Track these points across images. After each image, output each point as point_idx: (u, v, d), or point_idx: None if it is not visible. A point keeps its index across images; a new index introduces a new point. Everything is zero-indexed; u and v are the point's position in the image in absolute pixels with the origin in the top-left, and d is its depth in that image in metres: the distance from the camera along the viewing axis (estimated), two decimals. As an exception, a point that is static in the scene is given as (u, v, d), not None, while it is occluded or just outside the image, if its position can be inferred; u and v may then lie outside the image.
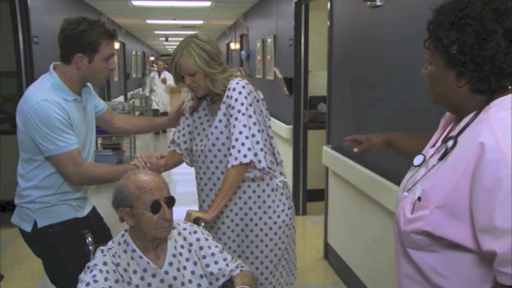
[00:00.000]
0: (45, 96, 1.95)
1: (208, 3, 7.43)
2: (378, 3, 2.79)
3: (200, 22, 10.20)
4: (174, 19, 9.69)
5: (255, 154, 2.02)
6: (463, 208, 1.12)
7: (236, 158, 1.99)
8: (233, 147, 2.01)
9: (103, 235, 1.99)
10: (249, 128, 2.03)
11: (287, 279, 2.31)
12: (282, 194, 2.20)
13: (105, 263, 1.62)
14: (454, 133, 1.23)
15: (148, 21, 10.17)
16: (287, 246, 2.25)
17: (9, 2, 4.47)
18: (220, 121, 2.09)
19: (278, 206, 2.18)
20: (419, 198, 1.22)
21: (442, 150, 1.22)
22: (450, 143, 1.21)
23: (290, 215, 2.23)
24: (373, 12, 2.92)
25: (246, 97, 2.05)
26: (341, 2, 3.59)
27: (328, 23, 3.80)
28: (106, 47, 2.02)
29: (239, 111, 2.03)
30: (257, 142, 2.04)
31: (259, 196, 2.15)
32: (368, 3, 2.86)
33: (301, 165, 5.06)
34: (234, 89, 2.05)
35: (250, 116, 2.05)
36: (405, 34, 2.55)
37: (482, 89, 1.18)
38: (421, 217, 1.20)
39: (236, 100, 2.04)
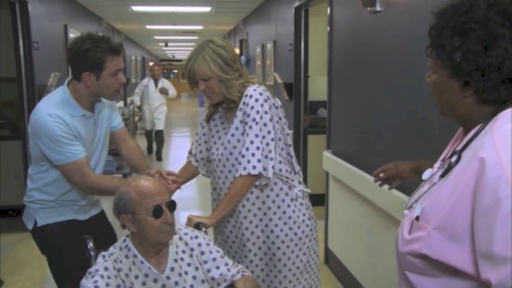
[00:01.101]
0: (50, 110, 2.00)
1: (208, 8, 7.46)
2: (378, 8, 2.80)
3: (200, 27, 10.23)
4: (174, 24, 9.72)
5: (265, 165, 1.99)
6: (463, 230, 1.02)
7: (245, 168, 1.96)
8: (243, 156, 1.97)
9: (106, 242, 2.00)
10: (263, 137, 1.99)
11: None
12: (301, 204, 2.14)
13: (106, 269, 1.62)
14: (459, 147, 1.13)
15: (148, 27, 10.21)
16: (309, 259, 2.18)
17: (10, 8, 4.49)
18: (236, 128, 2.04)
19: (298, 216, 2.11)
20: (417, 218, 1.12)
21: (446, 166, 1.12)
22: (453, 159, 1.10)
23: (311, 225, 2.15)
24: (373, 18, 2.94)
25: (262, 105, 2.00)
26: (341, 7, 3.61)
27: (328, 28, 3.81)
28: (111, 63, 2.03)
29: (253, 120, 1.99)
30: (270, 151, 2.00)
31: (278, 207, 2.09)
32: (368, 8, 2.87)
33: (301, 170, 5.05)
34: (251, 96, 2.00)
35: (265, 124, 2.00)
36: (405, 40, 2.56)
37: (490, 99, 1.07)
38: (418, 239, 1.10)
39: (252, 107, 2.00)
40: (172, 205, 1.68)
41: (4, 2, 4.48)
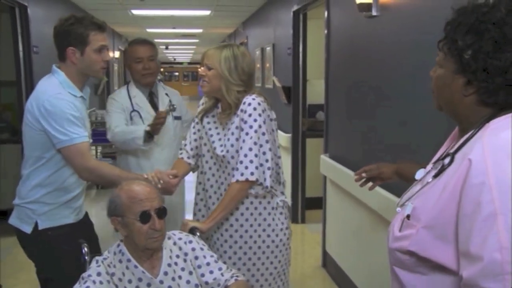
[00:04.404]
0: (58, 90, 2.04)
1: (208, 12, 7.48)
2: (374, 13, 2.82)
3: (200, 30, 10.26)
4: (174, 28, 9.74)
5: (263, 173, 2.03)
6: (450, 230, 1.06)
7: (242, 174, 2.00)
8: (241, 162, 2.01)
9: (93, 243, 2.02)
10: (261, 145, 2.03)
11: None
12: (281, 213, 2.18)
13: (99, 274, 1.63)
14: (453, 150, 1.16)
15: (148, 30, 10.23)
16: (284, 267, 2.21)
17: (10, 12, 4.52)
18: (232, 134, 2.09)
19: (277, 225, 2.15)
20: (408, 216, 1.16)
21: (439, 167, 1.16)
22: (447, 160, 1.14)
23: (287, 235, 2.20)
24: (369, 22, 2.95)
25: (260, 114, 2.04)
26: (338, 12, 3.62)
27: (325, 31, 3.83)
28: (94, 37, 2.08)
29: (251, 127, 2.03)
30: (266, 160, 2.04)
31: (260, 214, 2.13)
32: (364, 13, 2.89)
33: (300, 173, 5.06)
34: (249, 104, 2.04)
35: (263, 134, 2.04)
36: (401, 44, 2.57)
37: (488, 102, 1.10)
38: (407, 236, 1.14)
39: (250, 115, 2.03)
40: (161, 212, 1.68)
41: (4, 6, 4.51)
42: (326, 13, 3.80)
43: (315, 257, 4.17)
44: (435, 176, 1.15)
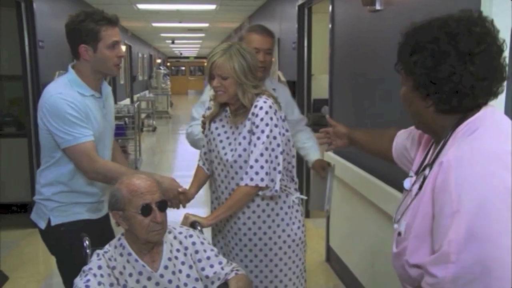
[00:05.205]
0: (60, 90, 2.00)
1: (213, 6, 7.48)
2: (378, 7, 2.81)
3: (206, 25, 10.26)
4: (180, 22, 9.75)
5: (273, 177, 2.00)
6: (429, 232, 1.19)
7: (252, 179, 1.97)
8: (251, 167, 1.98)
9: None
10: (272, 149, 2.00)
11: None
12: (297, 211, 2.18)
13: (100, 267, 1.64)
14: (431, 160, 1.28)
15: (154, 24, 10.24)
16: (305, 263, 2.21)
17: (15, 6, 4.54)
18: (244, 138, 2.04)
19: (294, 223, 2.15)
20: (399, 233, 1.28)
21: (421, 179, 1.27)
22: (427, 172, 1.25)
23: (304, 232, 2.20)
24: (373, 16, 2.94)
25: (271, 118, 2.00)
26: (342, 6, 3.61)
27: (330, 26, 3.81)
28: (106, 33, 2.02)
29: (262, 131, 1.99)
30: (278, 164, 2.01)
31: (277, 214, 2.12)
32: (368, 7, 2.88)
33: (304, 168, 5.06)
34: (261, 108, 2.00)
35: (274, 138, 2.01)
36: (404, 39, 2.56)
37: (446, 109, 1.22)
38: (403, 250, 1.26)
39: (262, 119, 1.99)
40: (162, 205, 1.70)
41: (10, 1, 4.53)
42: (330, 7, 3.79)
43: (318, 252, 4.17)
44: (420, 188, 1.26)
